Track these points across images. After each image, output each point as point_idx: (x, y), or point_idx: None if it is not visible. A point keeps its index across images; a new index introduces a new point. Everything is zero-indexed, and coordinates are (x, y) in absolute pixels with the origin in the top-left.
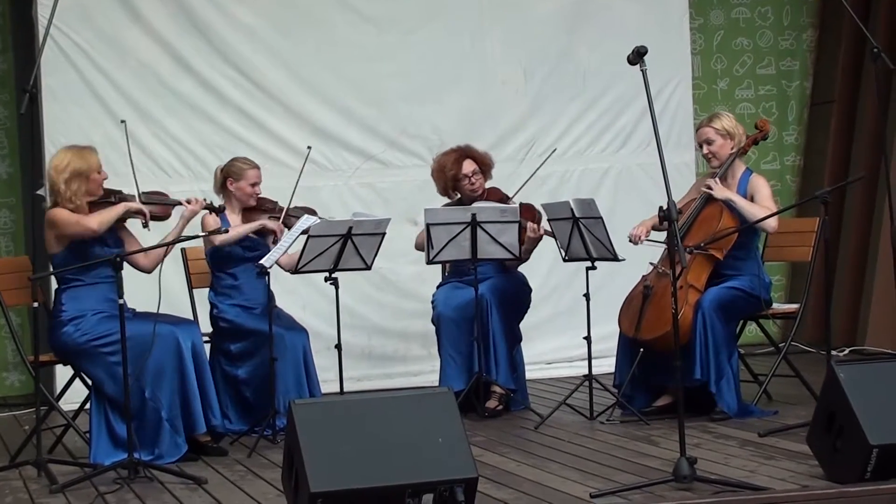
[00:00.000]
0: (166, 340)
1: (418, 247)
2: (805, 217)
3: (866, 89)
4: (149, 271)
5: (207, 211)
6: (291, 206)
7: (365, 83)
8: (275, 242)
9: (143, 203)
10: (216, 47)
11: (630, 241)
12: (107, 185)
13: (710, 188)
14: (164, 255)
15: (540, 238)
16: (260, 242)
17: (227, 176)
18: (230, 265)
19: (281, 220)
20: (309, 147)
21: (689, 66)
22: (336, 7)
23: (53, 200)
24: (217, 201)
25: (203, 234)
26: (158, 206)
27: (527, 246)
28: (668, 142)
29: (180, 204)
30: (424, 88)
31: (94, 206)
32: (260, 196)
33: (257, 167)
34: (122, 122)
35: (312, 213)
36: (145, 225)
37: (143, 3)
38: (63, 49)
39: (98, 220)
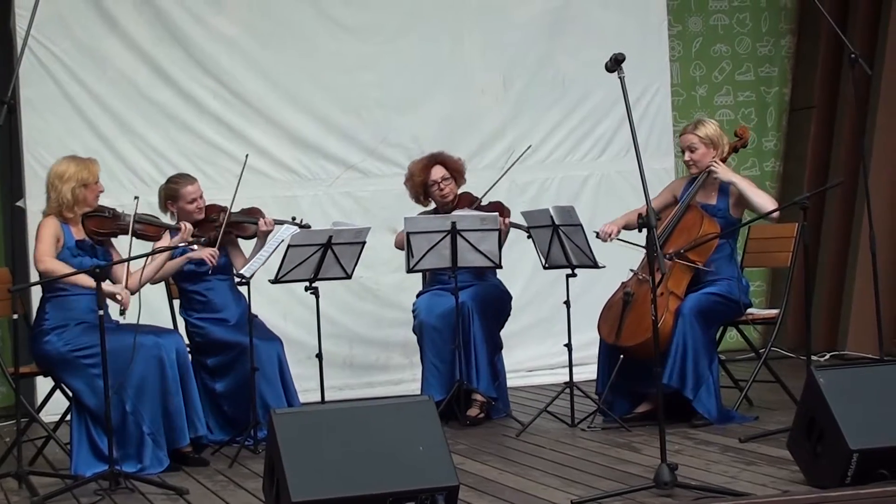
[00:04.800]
0: (149, 352)
1: (398, 245)
2: (784, 222)
3: (845, 95)
4: (132, 293)
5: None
6: (234, 210)
7: (344, 92)
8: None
9: (136, 221)
10: (195, 57)
11: (598, 236)
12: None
13: (714, 168)
14: (146, 279)
15: (507, 231)
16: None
17: (166, 198)
18: (189, 282)
19: (223, 227)
20: (247, 154)
21: (668, 73)
22: (315, 17)
23: (48, 209)
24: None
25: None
26: (150, 226)
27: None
28: (647, 149)
29: (171, 229)
30: (404, 97)
31: (88, 219)
32: (208, 205)
33: (193, 182)
34: (136, 198)
35: (258, 213)
36: (122, 312)
37: (121, 14)
38: (41, 60)
39: (55, 268)
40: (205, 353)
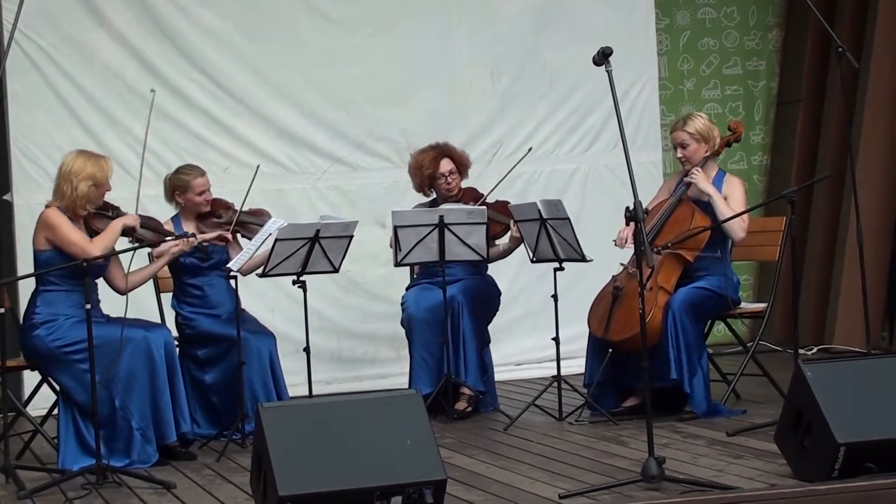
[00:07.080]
0: (138, 346)
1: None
2: (772, 216)
3: (832, 88)
4: (123, 293)
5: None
6: (244, 210)
7: (332, 86)
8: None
9: (141, 227)
10: (182, 51)
11: (616, 245)
12: None
13: (692, 176)
14: (141, 283)
15: (520, 238)
16: (217, 250)
17: (174, 189)
18: (190, 276)
19: (233, 225)
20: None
21: (656, 67)
22: (302, 10)
23: (55, 200)
24: (171, 210)
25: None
26: (152, 232)
27: (511, 245)
28: (635, 142)
29: (173, 237)
30: (392, 90)
31: (91, 218)
32: (214, 199)
33: (202, 174)
34: (152, 91)
35: (264, 214)
36: (132, 240)
37: (108, 8)
38: (28, 53)
39: (101, 247)
40: (195, 344)
